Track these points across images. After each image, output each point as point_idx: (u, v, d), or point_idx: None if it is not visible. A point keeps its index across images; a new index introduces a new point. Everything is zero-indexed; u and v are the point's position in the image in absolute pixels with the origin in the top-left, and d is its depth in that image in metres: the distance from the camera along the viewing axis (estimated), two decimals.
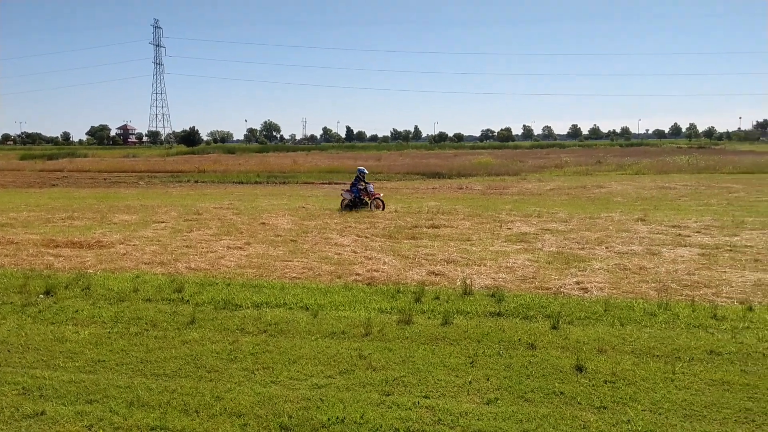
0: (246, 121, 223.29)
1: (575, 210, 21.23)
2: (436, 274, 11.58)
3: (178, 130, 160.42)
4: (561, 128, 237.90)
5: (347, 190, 22.68)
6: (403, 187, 33.81)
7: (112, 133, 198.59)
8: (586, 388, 6.22)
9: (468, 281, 10.62)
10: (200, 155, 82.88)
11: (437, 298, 9.76)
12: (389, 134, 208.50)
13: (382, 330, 8.21)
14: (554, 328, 8.20)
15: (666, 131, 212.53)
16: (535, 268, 12.02)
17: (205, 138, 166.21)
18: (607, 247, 14.01)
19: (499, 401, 5.97)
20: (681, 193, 26.75)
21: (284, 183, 38.81)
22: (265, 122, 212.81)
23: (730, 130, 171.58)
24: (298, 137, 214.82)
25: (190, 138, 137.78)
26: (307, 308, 9.30)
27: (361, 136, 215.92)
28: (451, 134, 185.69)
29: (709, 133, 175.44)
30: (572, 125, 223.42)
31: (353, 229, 17.29)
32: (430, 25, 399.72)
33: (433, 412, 5.72)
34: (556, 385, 6.33)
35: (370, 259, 13.03)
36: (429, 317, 8.81)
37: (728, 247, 13.64)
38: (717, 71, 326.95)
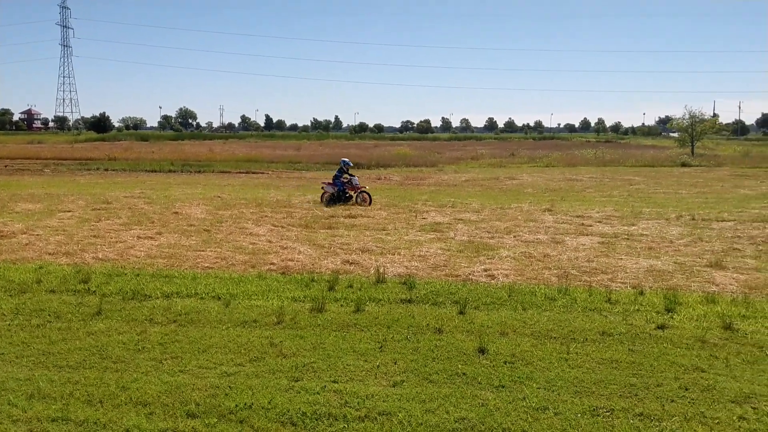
0: (160, 107, 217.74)
1: (488, 201, 21.86)
2: (351, 263, 11.75)
3: (88, 115, 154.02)
4: (478, 121, 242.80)
5: (329, 183, 21.27)
6: (321, 177, 33.73)
7: (15, 117, 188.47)
8: (487, 369, 6.54)
9: (381, 270, 10.83)
10: (111, 142, 80.00)
11: (351, 286, 9.93)
12: (309, 124, 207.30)
13: (295, 318, 8.32)
14: (461, 313, 8.52)
15: (576, 125, 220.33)
16: (446, 256, 12.38)
17: (116, 125, 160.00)
18: (515, 236, 14.55)
19: (404, 383, 6.21)
20: (587, 185, 27.95)
21: (199, 172, 38.11)
22: (181, 109, 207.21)
23: (635, 126, 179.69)
24: (215, 125, 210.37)
25: (100, 124, 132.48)
26: (219, 298, 9.29)
27: (280, 125, 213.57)
28: (371, 125, 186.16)
29: (616, 128, 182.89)
30: (489, 118, 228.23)
31: (269, 218, 17.25)
32: (351, 15, 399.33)
33: (341, 396, 5.89)
34: (460, 366, 6.62)
35: (285, 248, 13.08)
36: (342, 305, 8.97)
37: (626, 236, 14.44)
38: (624, 69, 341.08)
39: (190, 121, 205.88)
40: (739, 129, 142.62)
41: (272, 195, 23.40)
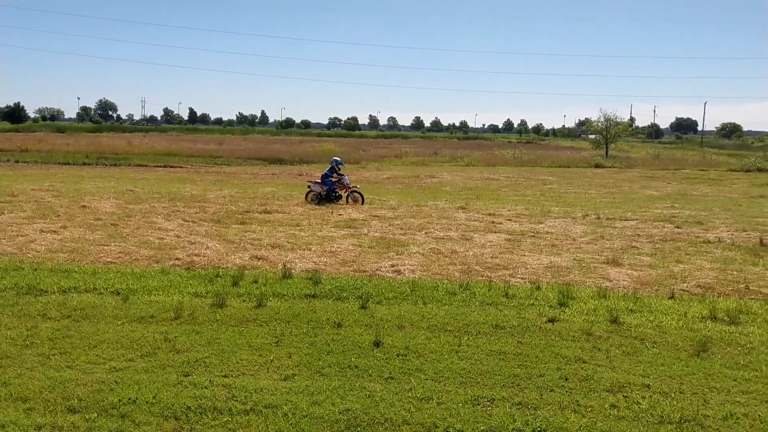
0: (79, 98, 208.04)
1: (405, 198, 22.12)
2: (260, 259, 11.69)
3: (1, 105, 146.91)
4: (405, 120, 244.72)
5: (317, 182, 20.64)
6: (242, 172, 33.48)
7: None
8: (380, 361, 6.66)
9: (289, 265, 10.84)
10: (25, 134, 76.54)
11: (256, 281, 9.89)
12: (235, 118, 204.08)
13: (193, 313, 8.22)
14: (363, 307, 8.62)
15: (500, 126, 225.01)
16: (357, 252, 12.48)
17: (32, 115, 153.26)
18: (426, 233, 14.79)
19: (296, 377, 6.25)
20: (503, 185, 28.65)
21: (115, 165, 37.07)
22: (101, 101, 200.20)
23: (556, 127, 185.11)
24: (136, 118, 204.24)
25: (14, 114, 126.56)
26: (118, 293, 9.09)
27: (205, 118, 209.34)
28: (298, 121, 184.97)
29: (538, 129, 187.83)
30: (416, 117, 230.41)
31: (181, 213, 16.96)
32: (280, 9, 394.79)
33: (229, 390, 5.88)
34: (353, 359, 6.71)
35: (193, 243, 12.88)
36: (244, 300, 8.93)
37: (532, 234, 14.89)
38: (547, 72, 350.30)
39: (110, 113, 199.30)
40: (654, 132, 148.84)
41: (187, 189, 22.99)
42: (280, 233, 14.32)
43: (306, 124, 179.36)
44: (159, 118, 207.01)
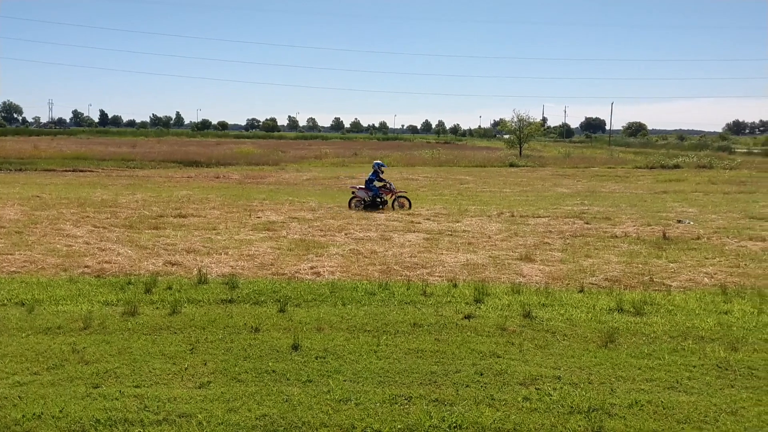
0: None
1: (325, 199, 22.07)
2: (174, 264, 11.40)
3: None
4: (325, 120, 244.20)
5: (361, 188, 19.66)
6: (156, 176, 32.55)
7: None
8: (298, 365, 6.61)
9: (205, 270, 10.63)
10: None
11: (170, 288, 9.64)
12: (149, 120, 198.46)
13: (103, 323, 7.94)
14: (281, 311, 8.54)
15: (419, 127, 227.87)
16: (275, 255, 12.35)
17: None
18: (346, 234, 14.80)
19: (211, 384, 6.13)
20: (421, 184, 29.00)
21: (20, 170, 35.31)
22: (5, 103, 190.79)
23: (473, 128, 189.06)
24: (43, 120, 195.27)
25: None
26: (23, 304, 8.68)
27: (117, 120, 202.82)
28: (215, 122, 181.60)
29: (455, 129, 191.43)
30: (335, 118, 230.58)
31: (91, 219, 16.34)
32: (194, 9, 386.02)
33: (141, 400, 5.71)
34: (270, 364, 6.64)
35: (103, 250, 12.44)
36: (157, 307, 8.69)
37: (449, 233, 15.15)
38: (463, 73, 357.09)
39: (15, 115, 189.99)
40: (565, 132, 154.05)
41: (98, 194, 22.18)
42: (196, 237, 14.02)
43: (223, 126, 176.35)
44: (68, 120, 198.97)
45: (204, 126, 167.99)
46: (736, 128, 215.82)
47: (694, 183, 31.10)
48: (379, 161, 20.73)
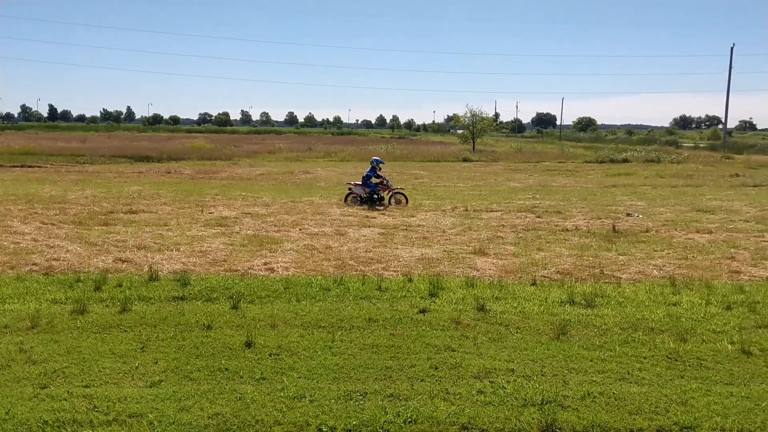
0: None
1: (279, 194, 21.88)
2: (124, 261, 11.16)
3: None
4: (279, 115, 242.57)
5: (357, 184, 19.54)
6: (106, 171, 31.79)
7: None
8: (251, 362, 6.54)
9: (156, 267, 10.43)
10: None
11: (120, 285, 9.43)
12: (99, 114, 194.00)
13: (52, 321, 7.72)
14: (234, 308, 8.43)
15: (373, 122, 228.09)
16: (228, 251, 12.19)
17: None
18: (300, 229, 14.70)
19: (163, 383, 6.01)
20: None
21: None
22: None
23: (427, 123, 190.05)
24: None
25: None
26: None
27: (66, 115, 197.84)
28: (167, 116, 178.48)
29: (409, 124, 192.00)
30: (289, 112, 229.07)
31: (39, 216, 15.87)
32: (144, 1, 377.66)
33: (90, 400, 5.56)
34: (223, 362, 6.55)
35: (52, 247, 12.09)
36: (107, 305, 8.49)
37: (404, 227, 15.18)
38: (417, 68, 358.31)
39: None
40: (517, 127, 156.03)
41: (46, 190, 21.56)
42: (147, 234, 13.74)
43: (175, 120, 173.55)
44: (16, 115, 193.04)
45: (155, 121, 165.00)
46: (683, 123, 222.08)
47: (642, 177, 31.83)
48: (377, 158, 20.50)
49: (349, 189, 19.88)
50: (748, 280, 10.51)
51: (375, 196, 19.19)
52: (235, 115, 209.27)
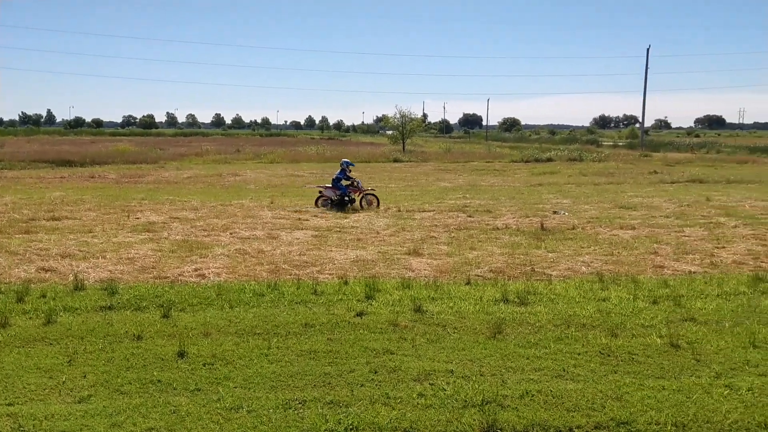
0: None
1: (208, 198, 21.44)
2: (48, 270, 10.68)
3: None
4: (205, 117, 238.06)
5: (328, 187, 19.19)
6: (26, 177, 30.38)
7: None
8: (185, 373, 6.35)
9: (81, 276, 10.03)
10: None
11: (44, 296, 9.02)
12: (17, 118, 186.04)
13: None
14: (165, 316, 8.19)
15: (302, 123, 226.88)
16: (157, 257, 11.84)
17: None
18: (231, 233, 14.42)
19: (92, 398, 5.76)
20: (307, 181, 28.77)
21: None
22: None
23: (356, 124, 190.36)
24: None
25: None
26: None
27: None
28: (89, 119, 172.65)
29: (339, 125, 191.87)
30: (216, 114, 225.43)
31: None
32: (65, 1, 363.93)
33: (15, 419, 5.28)
34: (155, 373, 6.33)
35: None
36: (30, 317, 8.11)
37: (338, 229, 15.11)
38: (346, 69, 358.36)
39: None
40: (444, 127, 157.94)
41: None
42: (71, 241, 13.20)
43: (98, 123, 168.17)
44: None
45: (77, 124, 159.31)
46: (602, 122, 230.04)
47: (566, 175, 32.71)
48: (347, 160, 20.33)
49: (320, 192, 19.57)
50: (671, 275, 10.91)
51: (346, 198, 18.98)
52: (160, 117, 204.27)
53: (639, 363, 6.81)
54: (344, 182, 19.22)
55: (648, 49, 64.96)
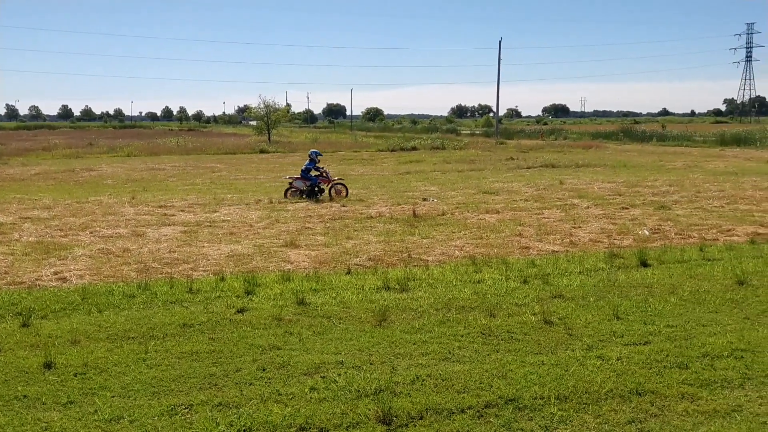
0: None
1: (61, 195, 20.02)
2: None
3: None
4: (51, 109, 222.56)
5: (298, 178, 19.16)
6: None
7: None
8: (54, 386, 5.81)
9: None
10: None
11: None
12: None
13: None
14: (25, 325, 7.48)
15: (158, 114, 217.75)
16: (9, 261, 10.86)
17: None
18: (91, 232, 13.51)
19: None
20: (170, 174, 27.64)
21: None
22: None
23: (217, 114, 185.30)
24: None
25: None
26: None
27: None
28: None
29: (198, 116, 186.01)
30: (63, 105, 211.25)
31: None
32: None
33: None
34: (20, 388, 5.75)
35: None
36: None
37: (208, 223, 14.56)
38: (205, 58, 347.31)
39: None
40: (309, 117, 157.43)
41: None
42: None
43: None
44: None
45: None
46: (459, 112, 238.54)
47: (431, 163, 33.52)
48: (315, 150, 20.51)
49: (290, 183, 19.54)
50: (537, 255, 11.42)
51: (316, 189, 19.03)
52: None
53: (518, 341, 7.03)
54: (314, 172, 19.28)
55: (500, 42, 67.85)
